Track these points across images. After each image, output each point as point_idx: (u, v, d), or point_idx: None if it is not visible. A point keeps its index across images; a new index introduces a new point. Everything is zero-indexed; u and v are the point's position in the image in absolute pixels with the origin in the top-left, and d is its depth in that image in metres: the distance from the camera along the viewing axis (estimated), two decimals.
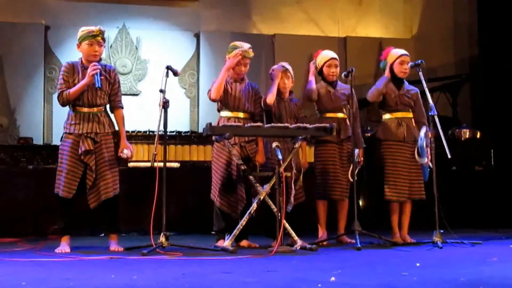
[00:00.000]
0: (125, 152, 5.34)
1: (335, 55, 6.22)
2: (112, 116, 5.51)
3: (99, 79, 5.16)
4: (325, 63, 6.15)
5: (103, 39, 5.44)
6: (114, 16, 9.82)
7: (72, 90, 5.26)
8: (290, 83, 5.96)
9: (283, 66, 5.95)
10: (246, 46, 5.79)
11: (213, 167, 5.72)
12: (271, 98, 5.78)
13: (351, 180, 5.84)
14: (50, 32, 9.58)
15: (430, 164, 5.83)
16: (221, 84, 5.62)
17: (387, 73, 6.12)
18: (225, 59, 5.81)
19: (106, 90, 5.39)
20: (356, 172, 5.84)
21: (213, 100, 5.72)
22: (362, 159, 6.05)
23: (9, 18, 9.47)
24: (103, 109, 5.42)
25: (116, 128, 5.48)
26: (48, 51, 9.54)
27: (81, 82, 5.25)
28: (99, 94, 5.33)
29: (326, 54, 6.21)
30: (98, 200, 5.29)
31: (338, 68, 6.16)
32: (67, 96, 5.28)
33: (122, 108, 5.52)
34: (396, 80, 6.08)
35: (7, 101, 9.31)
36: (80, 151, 5.24)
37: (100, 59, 5.45)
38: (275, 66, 6.05)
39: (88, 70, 5.21)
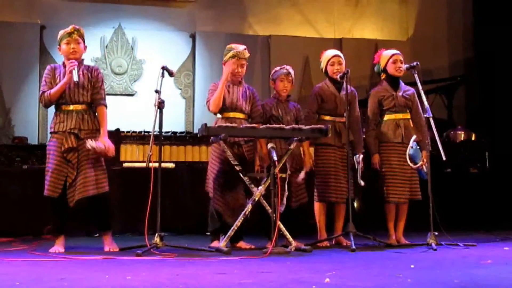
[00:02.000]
0: (89, 143, 5.15)
1: (338, 53, 6.16)
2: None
3: (76, 74, 5.14)
4: (328, 61, 6.09)
5: (80, 37, 5.35)
6: (110, 16, 9.83)
7: (53, 90, 5.25)
8: (290, 86, 5.98)
9: (286, 70, 5.96)
10: (241, 47, 5.78)
11: (210, 168, 5.69)
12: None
13: (362, 184, 5.84)
14: (46, 31, 9.58)
15: (425, 168, 5.88)
16: (220, 97, 5.59)
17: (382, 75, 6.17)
18: (222, 62, 5.80)
19: (88, 88, 5.34)
20: (360, 176, 5.88)
21: (213, 112, 5.72)
22: (362, 163, 6.01)
23: (4, 18, 9.47)
24: (87, 107, 5.36)
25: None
26: (44, 50, 9.54)
27: (59, 85, 5.24)
28: (80, 91, 5.29)
29: (329, 53, 6.16)
30: (74, 198, 5.20)
31: (343, 65, 6.06)
32: (48, 97, 5.26)
33: (105, 106, 5.43)
34: (392, 81, 6.09)
35: (2, 101, 9.31)
36: (62, 148, 5.22)
37: (83, 60, 5.44)
38: (277, 68, 6.05)
39: (66, 68, 5.22)
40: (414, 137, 5.93)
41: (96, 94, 5.40)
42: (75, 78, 5.13)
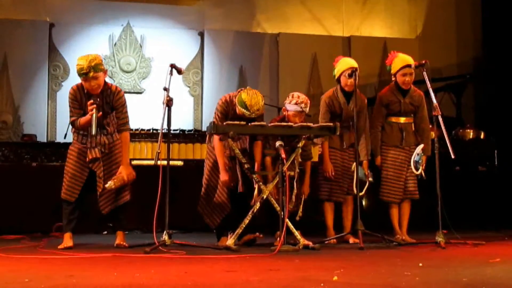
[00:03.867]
0: (109, 184, 5.26)
1: (354, 64, 5.96)
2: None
3: (94, 125, 5.14)
4: (343, 72, 5.98)
5: (97, 70, 5.25)
6: (118, 14, 9.83)
7: (81, 121, 5.30)
8: (300, 121, 5.69)
9: (301, 108, 5.67)
10: (255, 107, 5.39)
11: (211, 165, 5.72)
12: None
13: (360, 193, 5.79)
14: (55, 29, 9.59)
15: (423, 174, 5.92)
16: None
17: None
18: (236, 107, 5.53)
19: (113, 118, 5.43)
20: (365, 187, 5.90)
21: None
22: (368, 171, 6.02)
23: (13, 16, 9.49)
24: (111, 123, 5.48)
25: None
26: (53, 48, 9.55)
27: (85, 117, 5.26)
28: (106, 123, 5.39)
29: (346, 62, 6.00)
30: (110, 207, 5.40)
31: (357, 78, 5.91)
32: (78, 125, 5.34)
33: (128, 131, 5.52)
34: (401, 87, 6.08)
35: (11, 98, 9.33)
36: (87, 159, 5.33)
37: (105, 83, 5.43)
38: (293, 101, 5.72)
39: (88, 109, 5.24)
40: (421, 146, 5.94)
41: (117, 119, 5.46)
42: (93, 132, 5.16)
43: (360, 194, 5.78)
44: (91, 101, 5.21)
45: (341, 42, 10.47)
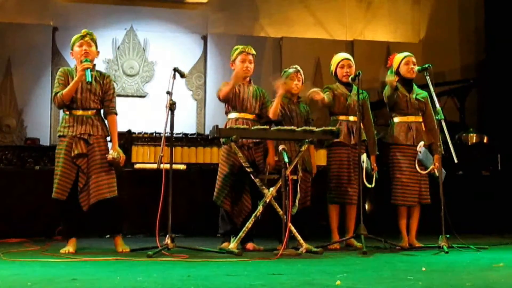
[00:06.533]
0: (110, 153, 5.29)
1: (348, 56, 6.25)
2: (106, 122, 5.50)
3: (89, 74, 5.14)
4: (338, 64, 6.16)
5: (92, 40, 5.40)
6: (122, 18, 9.85)
7: (65, 90, 5.24)
8: (300, 85, 5.98)
9: (295, 68, 6.00)
10: (248, 47, 5.87)
11: (220, 169, 5.70)
12: (273, 113, 5.76)
13: (368, 185, 5.79)
14: (58, 33, 9.62)
15: (437, 172, 5.85)
16: (231, 89, 5.65)
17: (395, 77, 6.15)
18: (230, 63, 5.84)
19: (99, 95, 5.39)
20: (374, 178, 5.87)
21: (221, 100, 5.75)
22: (375, 165, 6.02)
23: (17, 19, 9.51)
24: (97, 113, 5.41)
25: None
26: (56, 52, 9.57)
27: (73, 81, 5.24)
28: (92, 97, 5.34)
29: (338, 56, 6.25)
30: (89, 202, 5.26)
31: (352, 68, 6.13)
32: (61, 97, 5.24)
33: (116, 114, 5.49)
34: (405, 83, 6.08)
35: (15, 102, 9.35)
36: (72, 154, 5.25)
37: (95, 65, 5.45)
38: (286, 69, 6.08)
39: (78, 67, 5.23)
40: (421, 143, 5.92)
41: (108, 101, 5.45)
42: (88, 79, 5.14)
43: (370, 186, 5.81)
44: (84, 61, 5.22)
45: (344, 46, 10.46)
